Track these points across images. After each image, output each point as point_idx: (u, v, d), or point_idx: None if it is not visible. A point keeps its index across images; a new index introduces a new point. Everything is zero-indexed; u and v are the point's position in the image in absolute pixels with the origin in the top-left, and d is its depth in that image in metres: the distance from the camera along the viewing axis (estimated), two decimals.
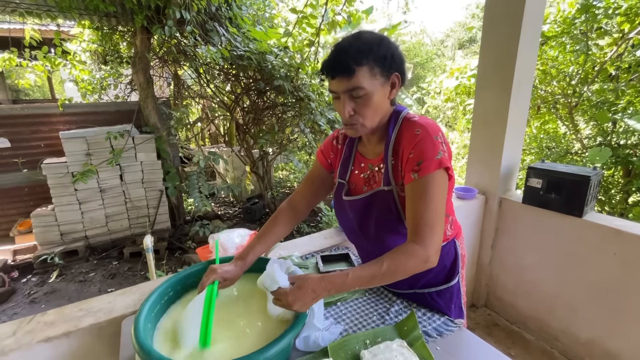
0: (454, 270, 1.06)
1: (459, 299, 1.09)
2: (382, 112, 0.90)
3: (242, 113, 3.99)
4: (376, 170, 0.98)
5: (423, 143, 0.84)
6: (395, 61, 0.85)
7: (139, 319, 0.79)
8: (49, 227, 3.42)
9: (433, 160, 0.83)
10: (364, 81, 0.81)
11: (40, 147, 3.69)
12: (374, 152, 0.99)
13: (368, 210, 0.98)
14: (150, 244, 1.55)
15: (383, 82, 0.85)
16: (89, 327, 0.99)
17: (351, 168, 1.04)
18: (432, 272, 1.04)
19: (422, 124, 0.87)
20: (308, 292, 0.76)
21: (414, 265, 0.79)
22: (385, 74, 0.84)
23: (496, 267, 2.18)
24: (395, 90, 0.89)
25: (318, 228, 4.01)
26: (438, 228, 0.82)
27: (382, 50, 0.83)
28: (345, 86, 0.82)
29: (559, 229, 1.80)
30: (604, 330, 1.68)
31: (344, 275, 0.78)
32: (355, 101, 0.85)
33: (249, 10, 3.63)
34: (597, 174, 1.71)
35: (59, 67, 3.73)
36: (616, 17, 3.11)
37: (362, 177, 1.01)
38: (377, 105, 0.86)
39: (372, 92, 0.83)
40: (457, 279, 1.07)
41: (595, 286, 1.70)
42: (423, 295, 1.06)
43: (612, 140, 3.35)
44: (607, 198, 3.46)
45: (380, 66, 0.83)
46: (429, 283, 1.05)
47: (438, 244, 0.82)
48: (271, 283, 0.79)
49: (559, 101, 3.75)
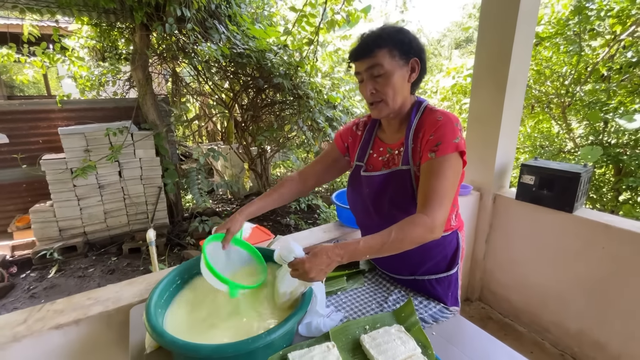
0: (454, 260, 1.12)
1: (456, 289, 1.14)
2: (403, 94, 0.97)
3: (241, 110, 4.01)
4: (396, 153, 1.03)
5: (444, 127, 0.91)
6: (413, 47, 0.93)
7: (150, 304, 0.83)
8: (47, 223, 3.43)
9: (451, 143, 0.89)
10: (384, 60, 0.91)
11: (38, 143, 3.69)
12: (394, 138, 1.05)
13: (384, 187, 1.03)
14: (153, 237, 1.58)
15: (402, 64, 0.93)
16: (98, 315, 1.03)
17: (370, 152, 1.11)
18: (433, 260, 1.10)
19: (444, 112, 0.95)
20: (323, 259, 0.78)
21: (420, 233, 0.83)
22: (404, 57, 0.92)
23: (490, 262, 2.24)
24: (415, 74, 0.96)
25: (316, 224, 4.06)
26: (447, 203, 0.86)
27: (401, 36, 0.92)
28: (366, 65, 0.93)
29: (550, 224, 1.86)
30: (593, 321, 1.75)
31: (355, 242, 0.81)
32: (376, 80, 0.94)
33: (248, 8, 3.65)
34: (587, 170, 1.77)
35: (57, 63, 3.72)
36: (608, 19, 3.18)
37: (380, 159, 1.07)
38: (397, 85, 0.94)
39: (391, 71, 0.92)
40: (456, 269, 1.12)
41: (585, 279, 1.76)
42: (423, 282, 1.11)
43: (604, 140, 3.43)
44: (598, 196, 3.55)
45: (399, 49, 0.91)
46: (430, 270, 1.11)
47: (444, 216, 0.86)
48: (288, 253, 0.82)
49: (552, 101, 3.83)
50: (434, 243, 1.04)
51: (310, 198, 4.24)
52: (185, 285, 1.00)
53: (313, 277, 0.78)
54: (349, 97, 3.86)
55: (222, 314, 0.89)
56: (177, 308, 0.92)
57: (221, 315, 0.89)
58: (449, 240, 1.09)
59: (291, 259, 0.82)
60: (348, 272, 1.22)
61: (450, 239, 1.10)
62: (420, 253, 1.07)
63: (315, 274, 0.78)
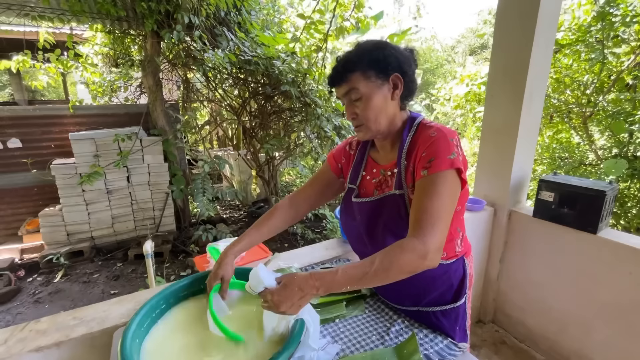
0: (461, 289, 1.01)
1: (464, 321, 1.03)
2: (387, 114, 0.90)
3: (250, 117, 3.99)
4: (389, 174, 0.96)
5: (437, 143, 0.83)
6: (391, 62, 0.86)
7: (127, 335, 0.77)
8: (56, 227, 3.45)
9: (445, 159, 0.81)
10: (358, 84, 0.86)
11: (50, 147, 3.74)
12: (387, 158, 0.98)
13: (377, 214, 0.95)
14: (150, 249, 1.53)
15: (380, 83, 0.87)
16: (81, 337, 0.97)
17: (362, 173, 1.03)
18: (438, 290, 1.00)
19: (438, 127, 0.87)
20: (294, 291, 0.71)
21: (409, 260, 0.73)
22: (382, 75, 0.86)
23: (504, 283, 2.10)
24: (398, 90, 0.89)
25: (322, 235, 3.97)
26: (441, 225, 0.77)
27: (375, 55, 0.86)
28: (342, 90, 0.89)
29: (571, 245, 1.73)
30: (618, 353, 1.60)
31: (333, 272, 0.73)
32: (355, 104, 0.89)
33: (258, 15, 3.65)
34: (613, 188, 1.63)
35: (71, 70, 3.79)
36: (634, 25, 3.02)
37: (374, 182, 1.00)
38: (378, 107, 0.88)
39: (368, 93, 0.87)
40: (463, 300, 1.02)
41: (610, 306, 1.61)
42: (427, 314, 1.01)
43: (629, 152, 3.24)
44: (622, 212, 3.34)
45: (374, 69, 0.86)
46: (435, 301, 1.00)
47: (439, 241, 0.76)
48: (256, 283, 0.75)
49: (572, 110, 3.65)
50: (437, 272, 0.96)
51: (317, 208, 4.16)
52: (171, 310, 0.94)
53: (284, 310, 0.71)
54: None
55: (208, 345, 0.82)
56: (158, 336, 0.85)
57: (206, 347, 0.81)
58: (455, 268, 0.99)
59: (260, 289, 0.74)
60: (348, 296, 1.13)
61: (456, 267, 1.00)
62: (423, 283, 0.98)
63: (285, 307, 0.71)
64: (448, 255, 0.98)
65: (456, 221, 0.96)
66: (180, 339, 0.84)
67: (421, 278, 0.96)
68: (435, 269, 0.93)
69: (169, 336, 0.85)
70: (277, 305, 0.71)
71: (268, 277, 0.76)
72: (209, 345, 0.81)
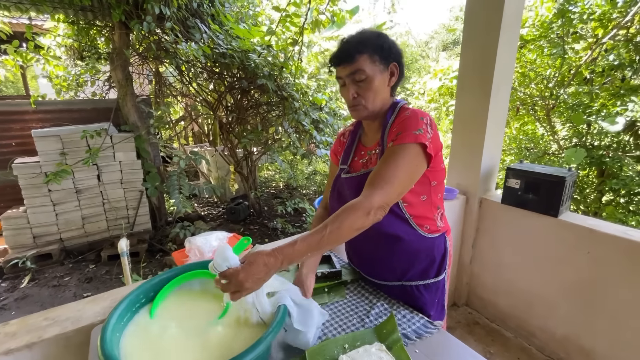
0: (442, 265, 1.09)
1: (443, 296, 1.11)
2: (382, 97, 0.99)
3: (226, 112, 3.92)
4: (373, 153, 1.05)
5: (407, 120, 0.91)
6: (392, 52, 0.95)
7: (107, 329, 0.75)
8: (20, 230, 3.26)
9: (410, 133, 0.88)
10: (365, 65, 0.93)
11: (11, 146, 3.51)
12: (373, 140, 1.07)
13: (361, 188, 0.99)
14: (126, 247, 1.49)
15: (382, 69, 0.95)
16: (54, 337, 0.94)
17: (352, 156, 1.12)
18: (421, 264, 1.06)
19: (413, 109, 0.96)
20: (260, 267, 0.73)
21: (355, 218, 0.79)
22: (384, 62, 0.95)
23: (477, 266, 2.21)
24: (394, 78, 0.98)
25: (303, 228, 3.99)
26: (389, 188, 0.83)
27: (380, 41, 0.94)
28: (348, 70, 0.94)
29: (536, 228, 1.85)
30: (579, 326, 1.74)
31: (292, 244, 0.77)
32: (357, 85, 0.95)
33: (232, 7, 3.57)
34: (572, 174, 1.76)
35: (32, 63, 3.56)
36: (591, 22, 3.22)
37: (361, 162, 1.09)
38: (378, 89, 0.96)
39: (372, 76, 0.94)
40: (444, 275, 1.10)
41: (571, 284, 1.75)
42: (411, 289, 1.08)
43: (587, 142, 3.47)
44: (582, 197, 3.58)
45: (379, 54, 0.93)
46: (417, 276, 1.07)
47: (384, 200, 0.82)
48: (222, 262, 0.74)
49: (537, 103, 3.86)
50: (421, 246, 1.04)
51: (296, 201, 4.18)
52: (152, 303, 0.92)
53: (249, 287, 0.72)
54: (336, 99, 3.81)
55: (190, 336, 0.82)
56: (138, 330, 0.84)
57: (188, 338, 0.81)
58: (437, 243, 1.06)
59: (224, 268, 0.74)
60: (329, 283, 1.16)
61: (439, 243, 1.07)
62: (406, 257, 1.05)
63: (250, 284, 0.72)
64: (431, 229, 1.04)
65: (434, 197, 1.04)
66: (163, 329, 0.83)
67: (406, 251, 1.04)
68: (418, 243, 1.03)
69: (149, 328, 0.84)
70: (241, 283, 0.71)
71: (233, 257, 0.75)
72: (192, 332, 0.82)
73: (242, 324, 0.84)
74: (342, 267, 1.25)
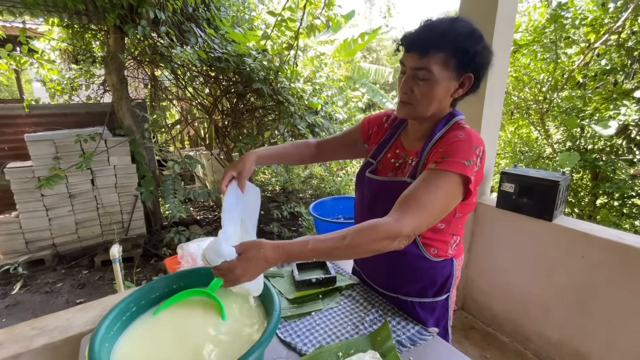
0: (444, 287, 1.01)
1: (444, 318, 1.04)
2: (439, 106, 0.87)
3: (222, 116, 3.91)
4: (409, 162, 0.95)
5: (458, 144, 0.80)
6: (475, 61, 0.81)
7: (95, 339, 0.74)
8: (12, 235, 3.22)
9: (459, 162, 0.77)
10: (434, 66, 0.79)
11: (3, 150, 3.47)
12: (414, 145, 0.96)
13: (382, 194, 0.96)
14: (118, 253, 1.47)
15: (453, 76, 0.82)
16: (42, 347, 0.92)
17: (386, 151, 1.02)
18: (419, 284, 1.00)
19: (469, 131, 0.84)
20: (260, 263, 0.67)
21: (379, 240, 0.70)
22: (460, 69, 0.81)
23: (472, 271, 2.21)
24: (462, 90, 0.86)
25: (299, 233, 3.98)
26: (422, 216, 0.74)
27: (468, 44, 0.79)
28: (414, 63, 0.81)
29: (530, 232, 1.85)
30: (574, 330, 1.74)
31: (303, 243, 0.69)
32: (417, 82, 0.83)
33: (228, 11, 3.57)
34: (566, 178, 1.76)
35: (26, 66, 3.53)
36: (583, 28, 3.26)
37: (393, 162, 0.99)
38: (437, 96, 0.84)
39: (438, 80, 0.81)
40: (445, 297, 1.02)
41: (565, 288, 1.75)
42: (405, 303, 1.03)
43: (581, 145, 3.50)
44: (576, 200, 3.61)
45: (458, 59, 0.80)
46: (414, 292, 1.02)
47: (414, 228, 0.73)
48: (216, 257, 0.66)
49: (531, 107, 3.89)
50: (422, 265, 0.97)
51: (292, 205, 4.17)
52: (143, 313, 0.91)
53: (246, 280, 0.68)
54: (331, 103, 3.82)
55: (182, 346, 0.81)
56: (129, 340, 0.82)
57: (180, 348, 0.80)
58: (442, 266, 0.98)
59: (218, 262, 0.67)
60: (324, 289, 1.15)
61: (444, 266, 0.99)
62: (405, 273, 1.00)
63: (247, 279, 0.68)
64: (439, 253, 0.96)
65: (454, 227, 0.95)
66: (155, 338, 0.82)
67: (404, 268, 0.99)
68: (420, 262, 0.96)
69: (141, 338, 0.83)
70: (238, 278, 0.66)
71: (228, 251, 0.68)
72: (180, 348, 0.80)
73: None
74: (337, 273, 1.25)
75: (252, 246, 0.69)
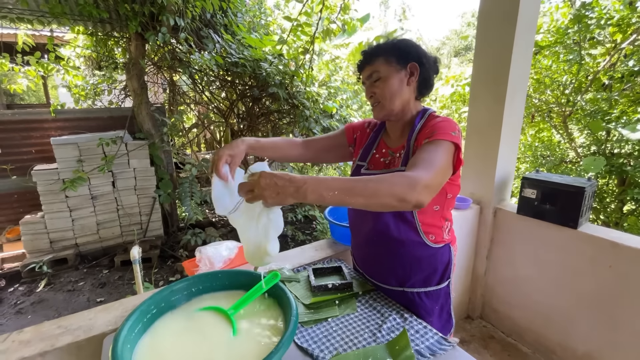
0: (445, 273, 1.10)
1: (447, 304, 1.12)
2: (402, 97, 1.00)
3: (237, 119, 3.97)
4: (397, 156, 1.05)
5: (441, 123, 0.92)
6: (411, 53, 0.98)
7: (118, 340, 0.75)
8: (38, 235, 3.35)
9: (448, 133, 0.89)
10: (380, 67, 0.98)
11: (31, 153, 3.63)
12: (397, 142, 1.07)
13: None
14: (138, 255, 1.51)
15: (399, 68, 0.98)
16: (67, 346, 0.95)
17: (373, 152, 1.12)
18: (423, 272, 1.07)
19: (445, 117, 0.97)
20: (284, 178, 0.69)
21: (399, 184, 0.72)
22: (402, 62, 0.98)
23: (491, 278, 2.15)
24: (414, 77, 1.00)
25: (313, 236, 3.97)
26: (434, 171, 0.78)
27: (398, 45, 0.99)
28: (367, 72, 1.02)
29: (554, 240, 1.78)
30: (601, 343, 1.66)
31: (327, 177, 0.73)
32: (374, 84, 1.00)
33: (244, 17, 3.63)
34: (592, 184, 1.69)
35: (52, 73, 3.69)
36: (608, 28, 3.15)
37: (382, 160, 1.09)
38: (394, 88, 0.98)
39: (387, 75, 0.98)
40: (446, 283, 1.11)
41: (591, 298, 1.67)
42: (412, 295, 1.08)
43: (606, 149, 3.37)
44: (602, 207, 3.46)
45: (396, 56, 0.98)
46: (419, 283, 1.08)
47: (431, 180, 0.76)
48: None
49: (553, 110, 3.77)
50: (424, 253, 1.05)
51: (307, 209, 4.17)
52: (163, 315, 0.92)
53: (267, 195, 0.68)
54: (346, 106, 3.81)
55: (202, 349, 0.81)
56: (150, 341, 0.84)
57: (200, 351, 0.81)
58: (441, 253, 1.07)
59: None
60: (340, 295, 1.14)
61: (442, 252, 1.08)
62: (408, 263, 1.06)
63: (269, 194, 0.68)
64: (436, 239, 1.05)
65: (446, 210, 1.05)
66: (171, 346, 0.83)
67: (407, 259, 1.06)
68: (421, 250, 1.04)
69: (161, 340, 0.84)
70: (262, 188, 0.68)
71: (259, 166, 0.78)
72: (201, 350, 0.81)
73: None
74: (353, 278, 1.23)
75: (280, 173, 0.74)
